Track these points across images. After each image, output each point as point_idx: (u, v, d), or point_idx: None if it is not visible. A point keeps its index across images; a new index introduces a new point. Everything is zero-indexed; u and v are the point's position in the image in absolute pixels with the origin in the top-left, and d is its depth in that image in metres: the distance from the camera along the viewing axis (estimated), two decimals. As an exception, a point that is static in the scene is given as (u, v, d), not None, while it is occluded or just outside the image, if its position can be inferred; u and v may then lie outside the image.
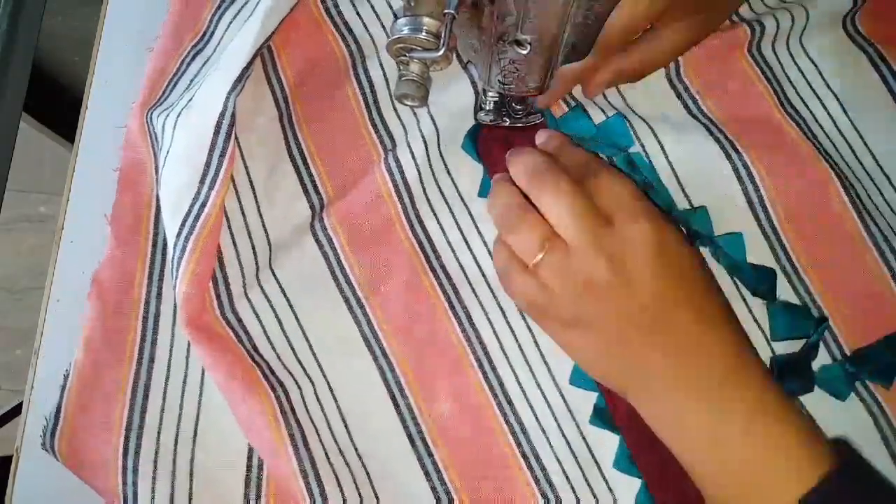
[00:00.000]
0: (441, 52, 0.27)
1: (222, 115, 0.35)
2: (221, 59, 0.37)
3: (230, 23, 0.40)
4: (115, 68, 0.42)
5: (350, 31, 0.40)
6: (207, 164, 0.35)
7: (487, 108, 0.36)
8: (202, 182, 0.35)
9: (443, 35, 0.27)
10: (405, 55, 0.29)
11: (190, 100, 0.37)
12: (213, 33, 0.41)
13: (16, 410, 0.77)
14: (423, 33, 0.27)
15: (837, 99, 0.37)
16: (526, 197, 0.32)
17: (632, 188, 0.31)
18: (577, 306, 0.30)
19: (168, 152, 0.36)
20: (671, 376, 0.29)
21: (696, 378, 0.29)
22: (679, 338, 0.29)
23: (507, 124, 0.37)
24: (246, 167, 0.38)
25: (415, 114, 0.38)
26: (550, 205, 0.31)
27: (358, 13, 0.41)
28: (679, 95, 0.37)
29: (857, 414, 0.33)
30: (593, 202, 0.31)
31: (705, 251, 0.35)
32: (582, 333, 0.31)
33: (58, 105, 0.71)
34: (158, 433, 0.35)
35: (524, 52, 0.29)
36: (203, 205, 0.35)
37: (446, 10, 0.27)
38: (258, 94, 0.39)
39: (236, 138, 0.38)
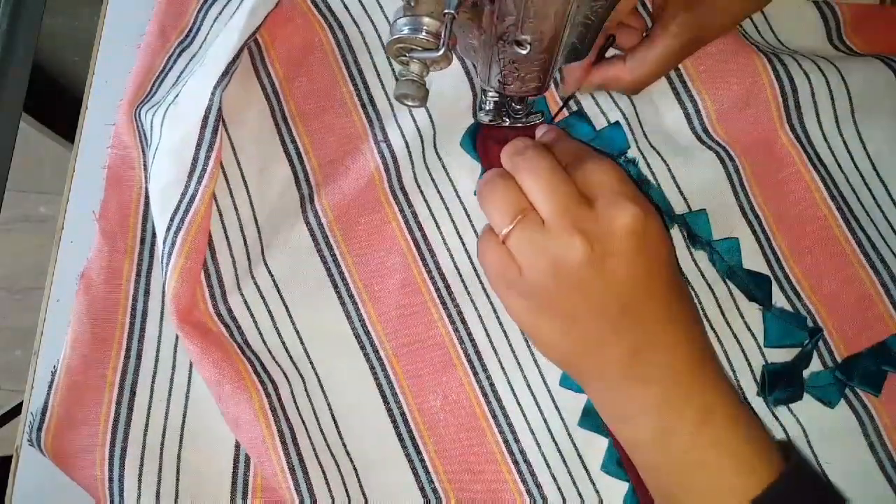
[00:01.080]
0: (441, 52, 0.27)
1: (209, 109, 0.35)
2: (207, 54, 0.37)
3: (216, 18, 0.40)
4: (115, 68, 0.42)
5: (337, 20, 0.40)
6: (195, 159, 0.35)
7: (487, 108, 0.36)
8: (190, 177, 0.35)
9: (443, 35, 0.27)
10: (405, 55, 0.29)
11: (177, 96, 0.37)
12: (198, 30, 0.41)
13: (16, 410, 0.77)
14: (423, 33, 0.27)
15: (834, 105, 0.37)
16: None
17: (620, 173, 0.30)
18: (546, 285, 0.29)
19: (157, 148, 0.36)
20: (630, 366, 0.29)
21: (654, 372, 0.29)
22: (645, 329, 0.29)
23: (507, 124, 0.37)
24: (238, 162, 0.38)
25: (410, 110, 0.38)
26: (526, 179, 0.30)
27: (344, 2, 0.41)
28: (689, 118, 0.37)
29: (846, 421, 0.33)
30: (574, 182, 0.30)
31: (701, 255, 0.35)
32: (546, 313, 0.30)
33: (58, 105, 0.71)
34: (145, 430, 0.35)
35: (524, 52, 0.29)
36: (192, 199, 0.35)
37: (446, 10, 0.27)
38: (248, 89, 0.39)
39: (227, 133, 0.38)
